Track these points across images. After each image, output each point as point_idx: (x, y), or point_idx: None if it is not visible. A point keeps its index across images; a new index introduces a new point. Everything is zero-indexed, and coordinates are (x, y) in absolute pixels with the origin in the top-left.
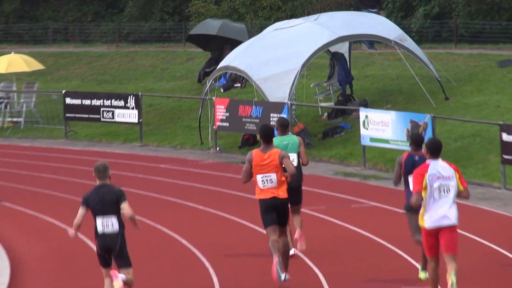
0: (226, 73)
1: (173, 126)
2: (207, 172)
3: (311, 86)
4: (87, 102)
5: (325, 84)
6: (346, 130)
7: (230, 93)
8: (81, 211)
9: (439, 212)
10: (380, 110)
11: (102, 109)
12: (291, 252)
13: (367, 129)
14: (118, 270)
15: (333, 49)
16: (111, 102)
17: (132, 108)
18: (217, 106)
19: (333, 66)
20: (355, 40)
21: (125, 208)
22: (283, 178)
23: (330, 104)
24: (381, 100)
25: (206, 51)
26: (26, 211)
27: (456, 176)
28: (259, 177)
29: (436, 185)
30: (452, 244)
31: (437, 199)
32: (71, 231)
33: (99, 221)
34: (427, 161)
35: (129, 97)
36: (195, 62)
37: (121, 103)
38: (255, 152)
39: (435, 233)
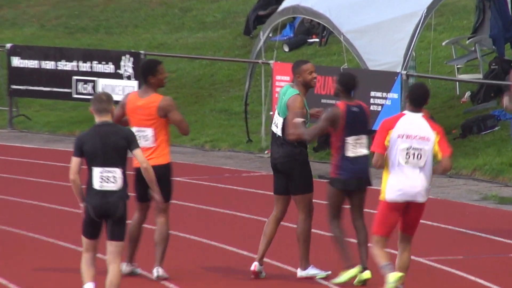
0: (294, 19)
1: (199, 110)
2: (255, 192)
3: (443, 44)
4: (49, 65)
5: (467, 42)
6: (503, 122)
7: (301, 53)
8: (74, 161)
9: (405, 183)
10: None
11: (75, 77)
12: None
13: None
14: (108, 241)
15: None
16: (91, 66)
17: (128, 77)
18: (277, 77)
19: (482, 10)
20: None
21: (139, 155)
22: (166, 137)
23: (476, 77)
24: None
25: None
26: None
27: (435, 139)
28: (134, 130)
29: (403, 145)
30: (413, 225)
31: (402, 165)
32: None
33: (97, 172)
34: (403, 112)
35: (124, 57)
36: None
37: (110, 67)
38: (132, 94)
39: (396, 208)
